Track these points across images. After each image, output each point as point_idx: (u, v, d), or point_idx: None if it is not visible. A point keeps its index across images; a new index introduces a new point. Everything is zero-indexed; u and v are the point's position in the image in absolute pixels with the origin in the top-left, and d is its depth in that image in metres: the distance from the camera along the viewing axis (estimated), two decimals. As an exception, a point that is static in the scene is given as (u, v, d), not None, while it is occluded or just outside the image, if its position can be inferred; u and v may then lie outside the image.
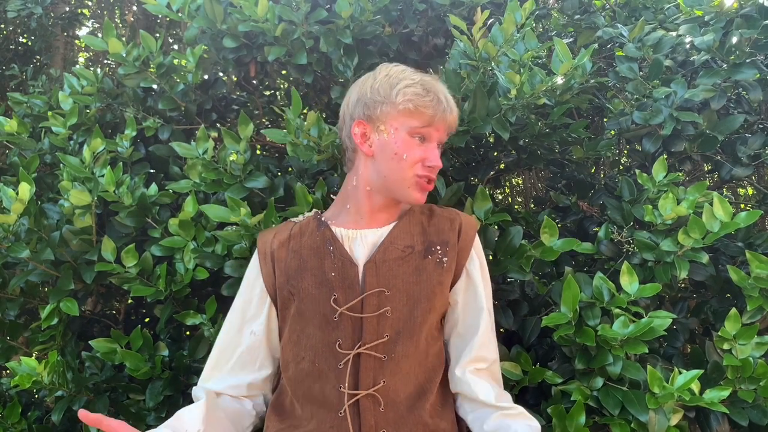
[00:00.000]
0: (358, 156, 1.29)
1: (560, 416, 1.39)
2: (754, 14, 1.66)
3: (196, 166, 1.60)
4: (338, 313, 1.18)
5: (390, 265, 1.22)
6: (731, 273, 1.47)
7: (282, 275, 1.25)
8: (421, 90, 1.22)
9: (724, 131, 1.67)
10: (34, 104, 1.93)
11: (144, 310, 2.00)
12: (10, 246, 1.54)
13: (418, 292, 1.21)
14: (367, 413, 1.15)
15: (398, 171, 1.22)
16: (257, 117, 2.07)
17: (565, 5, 2.01)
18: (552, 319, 1.39)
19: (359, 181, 1.28)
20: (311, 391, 1.19)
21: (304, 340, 1.21)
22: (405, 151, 1.22)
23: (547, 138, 1.71)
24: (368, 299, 1.19)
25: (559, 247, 1.51)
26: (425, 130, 1.23)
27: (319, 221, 1.30)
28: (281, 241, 1.28)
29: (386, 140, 1.23)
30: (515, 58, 1.53)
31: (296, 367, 1.22)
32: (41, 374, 1.47)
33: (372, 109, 1.23)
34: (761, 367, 1.43)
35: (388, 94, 1.22)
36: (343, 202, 1.32)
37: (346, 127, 1.29)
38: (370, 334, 1.17)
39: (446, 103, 1.25)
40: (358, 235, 1.26)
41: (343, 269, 1.22)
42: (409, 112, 1.21)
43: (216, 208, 1.49)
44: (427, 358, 1.23)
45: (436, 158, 1.24)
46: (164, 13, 1.73)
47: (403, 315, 1.19)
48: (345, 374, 1.16)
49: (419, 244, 1.25)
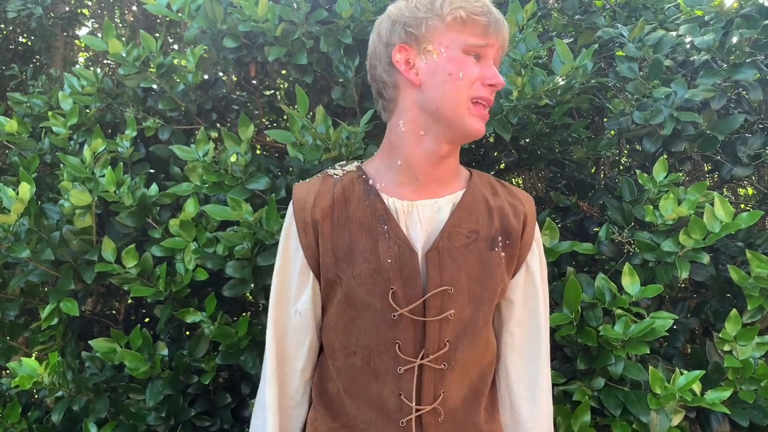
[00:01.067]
0: (402, 92, 1.09)
1: (565, 416, 1.39)
2: (754, 14, 1.66)
3: (197, 169, 1.60)
4: (398, 314, 1.04)
5: (454, 256, 1.06)
6: (732, 273, 1.47)
7: (328, 254, 1.08)
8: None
9: (724, 131, 1.67)
10: (34, 104, 1.92)
11: (144, 310, 2.00)
12: (10, 246, 1.54)
13: (481, 291, 1.08)
14: (429, 428, 1.07)
15: (453, 94, 1.03)
16: (257, 117, 2.07)
17: (565, 5, 2.01)
18: (554, 319, 1.39)
19: (408, 123, 1.08)
20: (367, 392, 1.09)
21: (354, 332, 1.08)
22: (460, 69, 1.03)
23: (547, 138, 1.71)
24: (431, 300, 1.05)
25: (560, 248, 1.51)
26: (481, 45, 1.05)
27: (365, 183, 1.11)
28: (324, 211, 1.09)
29: (436, 62, 1.04)
30: (516, 58, 1.53)
31: (346, 361, 1.10)
32: (41, 374, 1.47)
33: (415, 28, 1.05)
34: (762, 367, 1.43)
35: (432, 7, 1.04)
36: (390, 155, 1.12)
37: (381, 62, 1.10)
38: (432, 342, 1.05)
39: (498, 14, 1.08)
40: (414, 209, 1.09)
41: (401, 257, 1.05)
42: (461, 22, 1.03)
43: (218, 207, 1.49)
44: (483, 358, 1.13)
45: (496, 75, 1.06)
46: (164, 13, 1.73)
47: (464, 317, 1.07)
48: (406, 383, 1.05)
49: (484, 229, 1.09)
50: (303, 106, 1.46)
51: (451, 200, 1.11)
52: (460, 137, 1.09)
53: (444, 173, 1.11)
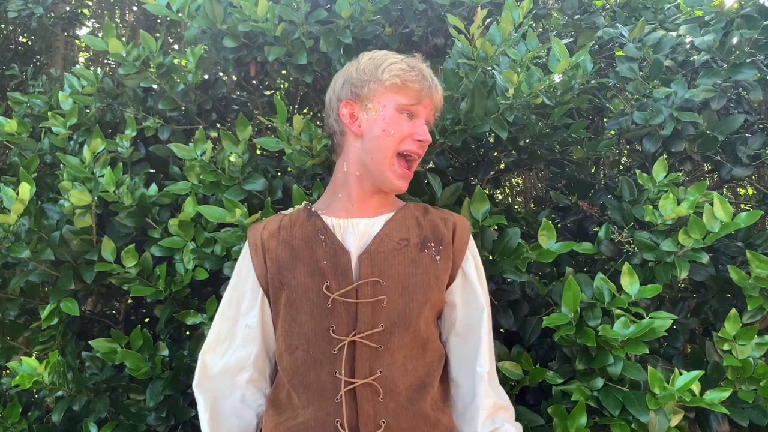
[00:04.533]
0: (347, 139, 1.28)
1: (561, 416, 1.39)
2: (755, 14, 1.66)
3: (195, 168, 1.60)
4: (331, 299, 1.17)
5: (385, 256, 1.21)
6: (731, 273, 1.47)
7: (273, 266, 1.23)
8: (407, 66, 1.24)
9: (724, 131, 1.67)
10: (34, 104, 1.93)
11: (144, 310, 2.00)
12: (10, 246, 1.54)
13: (414, 284, 1.20)
14: (364, 402, 1.14)
15: (383, 148, 1.23)
16: (257, 117, 2.07)
17: (565, 5, 2.01)
18: (553, 319, 1.39)
19: (349, 166, 1.28)
20: (306, 379, 1.18)
21: (296, 328, 1.20)
22: (393, 127, 1.22)
23: (547, 138, 1.71)
24: (363, 288, 1.18)
25: (557, 249, 1.51)
26: (413, 107, 1.24)
27: (309, 212, 1.29)
28: (271, 232, 1.27)
29: (374, 118, 1.24)
30: (516, 59, 1.53)
31: (290, 357, 1.21)
32: (42, 374, 1.47)
33: (359, 88, 1.24)
34: (761, 367, 1.43)
35: (374, 73, 1.24)
36: (334, 191, 1.31)
37: (333, 111, 1.30)
38: (365, 323, 1.16)
39: (431, 80, 1.27)
40: (349, 224, 1.25)
41: (335, 257, 1.20)
42: (396, 87, 1.23)
43: (213, 208, 1.49)
44: (426, 353, 1.22)
45: (424, 132, 1.25)
46: (164, 13, 1.73)
47: (398, 306, 1.18)
48: (340, 360, 1.15)
49: (415, 237, 1.24)
50: (282, 116, 1.48)
51: (384, 218, 1.27)
52: (384, 187, 1.27)
53: (377, 203, 1.29)
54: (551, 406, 1.41)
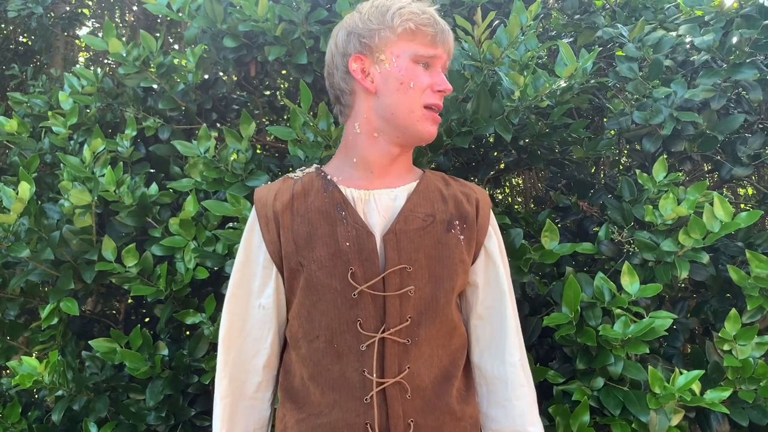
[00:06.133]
0: (358, 98, 1.17)
1: (563, 416, 1.39)
2: (754, 14, 1.66)
3: (198, 165, 1.60)
4: (358, 291, 1.08)
5: (411, 237, 1.12)
6: (731, 273, 1.47)
7: (289, 243, 1.12)
8: (417, 10, 1.14)
9: (724, 131, 1.67)
10: (35, 104, 1.93)
11: (144, 310, 2.00)
12: (10, 246, 1.54)
13: (441, 269, 1.13)
14: (394, 402, 1.08)
15: (406, 102, 1.13)
16: (258, 117, 2.07)
17: (565, 5, 2.01)
18: (553, 319, 1.39)
19: (363, 125, 1.17)
20: (330, 374, 1.10)
21: (317, 317, 1.11)
22: (411, 79, 1.12)
23: (547, 138, 1.71)
24: (390, 277, 1.09)
25: (559, 250, 1.51)
26: (429, 54, 1.14)
27: (324, 179, 1.18)
28: (284, 204, 1.15)
29: (389, 70, 1.13)
30: (515, 59, 1.53)
31: (309, 346, 1.12)
32: (42, 374, 1.47)
33: (369, 38, 1.13)
34: (761, 367, 1.43)
35: (382, 20, 1.13)
36: (346, 154, 1.20)
37: (339, 70, 1.18)
38: (393, 317, 1.09)
39: (444, 24, 1.17)
40: (371, 197, 1.16)
41: (359, 240, 1.10)
42: (410, 33, 1.12)
43: (217, 203, 1.49)
44: (451, 340, 1.16)
45: (444, 81, 1.15)
46: (164, 13, 1.73)
47: (425, 295, 1.11)
48: (369, 359, 1.07)
49: (440, 213, 1.16)
50: (306, 102, 1.47)
51: (407, 189, 1.18)
52: (413, 141, 1.18)
53: (397, 169, 1.20)
54: (552, 405, 1.41)
